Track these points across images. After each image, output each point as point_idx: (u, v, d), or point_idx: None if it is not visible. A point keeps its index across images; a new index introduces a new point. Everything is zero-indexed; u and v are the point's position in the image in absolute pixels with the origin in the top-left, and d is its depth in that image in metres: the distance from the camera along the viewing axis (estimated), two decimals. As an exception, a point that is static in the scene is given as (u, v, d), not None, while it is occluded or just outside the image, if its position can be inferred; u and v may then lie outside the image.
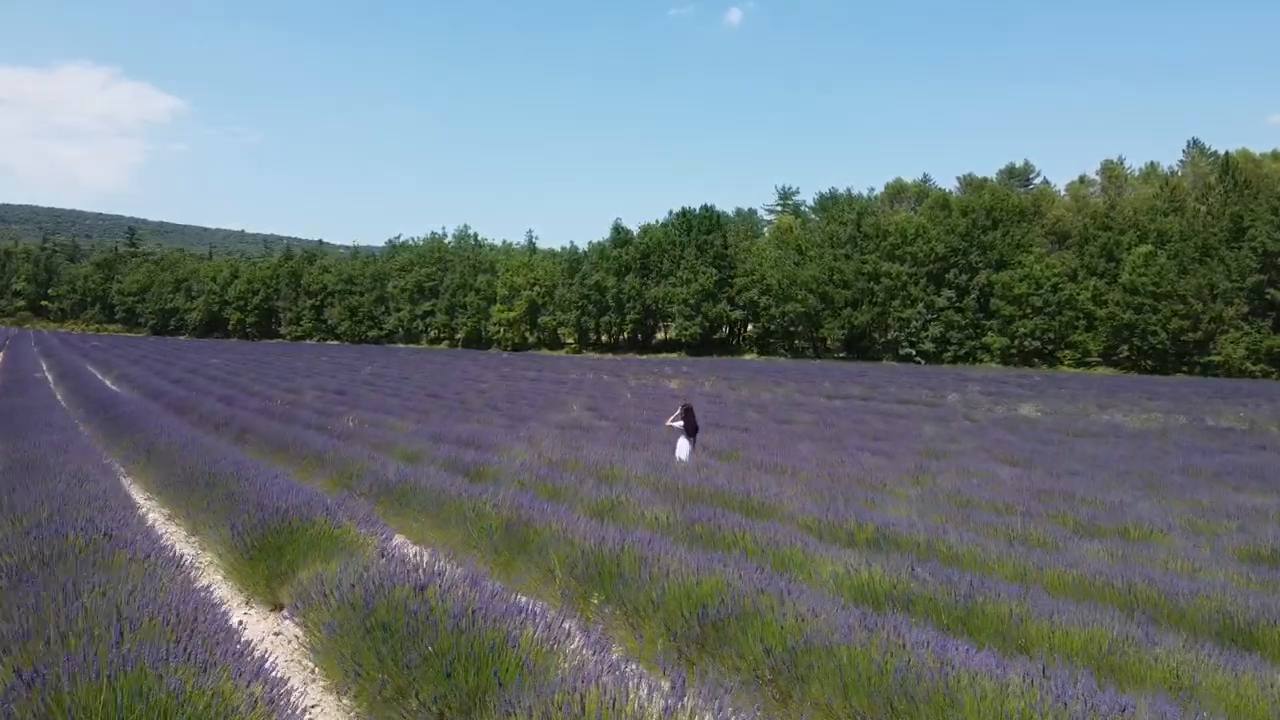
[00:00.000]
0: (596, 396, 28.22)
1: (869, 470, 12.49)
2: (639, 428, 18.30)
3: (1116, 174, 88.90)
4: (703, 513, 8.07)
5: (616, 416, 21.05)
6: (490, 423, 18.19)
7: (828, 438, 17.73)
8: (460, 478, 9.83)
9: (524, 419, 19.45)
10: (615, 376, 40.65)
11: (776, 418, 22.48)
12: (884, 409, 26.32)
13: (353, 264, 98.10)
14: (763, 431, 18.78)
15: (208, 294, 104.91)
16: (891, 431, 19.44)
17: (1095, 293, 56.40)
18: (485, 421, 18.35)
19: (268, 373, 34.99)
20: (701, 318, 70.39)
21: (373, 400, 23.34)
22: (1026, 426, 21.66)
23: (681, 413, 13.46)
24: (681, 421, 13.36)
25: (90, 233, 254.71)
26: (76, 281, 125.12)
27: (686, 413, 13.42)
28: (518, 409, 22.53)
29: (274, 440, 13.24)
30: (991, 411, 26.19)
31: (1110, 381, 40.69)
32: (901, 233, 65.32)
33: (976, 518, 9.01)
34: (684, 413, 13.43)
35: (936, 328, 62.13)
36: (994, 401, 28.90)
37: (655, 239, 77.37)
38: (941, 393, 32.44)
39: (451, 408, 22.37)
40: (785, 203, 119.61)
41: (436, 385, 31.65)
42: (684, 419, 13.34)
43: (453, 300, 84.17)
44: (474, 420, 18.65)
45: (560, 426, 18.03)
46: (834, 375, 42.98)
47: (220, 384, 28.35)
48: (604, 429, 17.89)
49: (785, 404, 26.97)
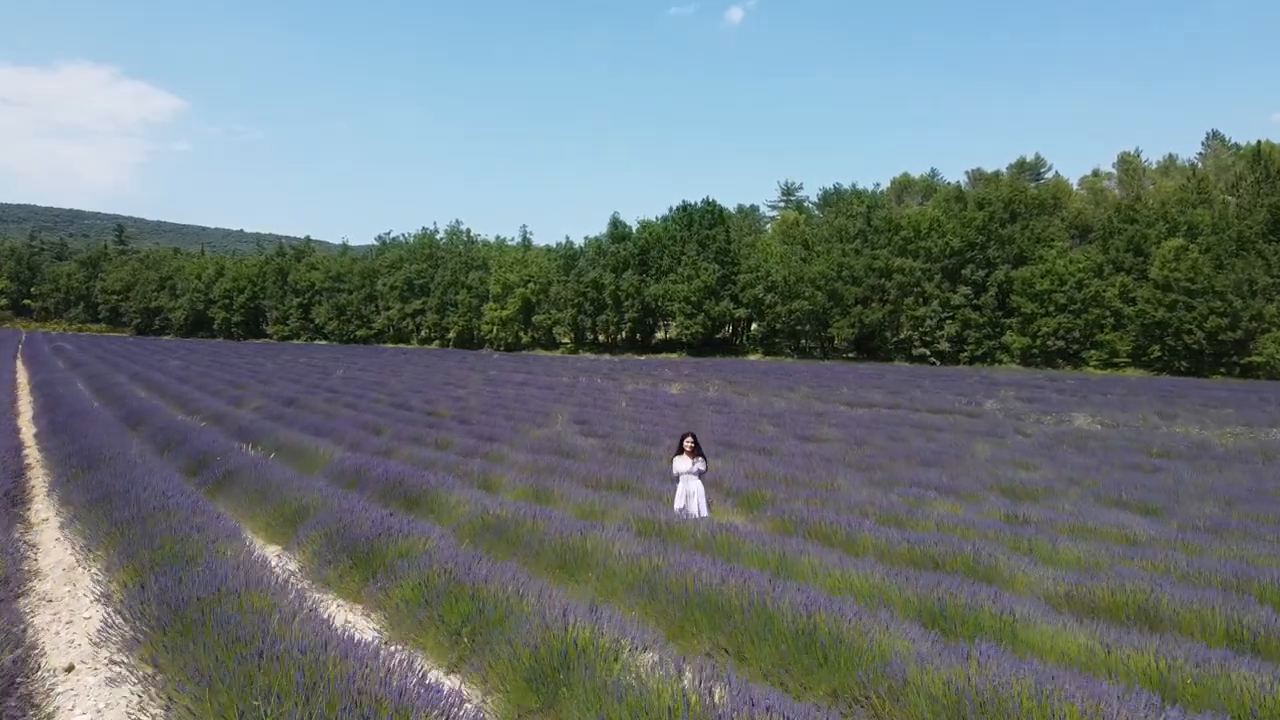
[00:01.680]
0: (587, 405, 24.80)
1: (953, 524, 9.03)
2: (633, 449, 14.86)
3: (1134, 167, 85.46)
4: (748, 691, 4.59)
5: (606, 433, 17.62)
6: (449, 445, 14.73)
7: (868, 464, 14.27)
8: (339, 566, 6.36)
9: (495, 438, 16.00)
10: (610, 380, 37.21)
11: (797, 432, 19.04)
12: (917, 420, 22.90)
13: (341, 261, 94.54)
14: (786, 454, 15.34)
15: (192, 292, 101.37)
16: (941, 453, 16.01)
17: (1123, 289, 52.90)
18: (444, 444, 14.89)
19: (223, 377, 31.52)
20: (704, 316, 66.89)
21: (319, 414, 19.89)
22: (1095, 444, 18.21)
23: (684, 447, 9.85)
24: (686, 459, 9.78)
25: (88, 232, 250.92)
26: (60, 280, 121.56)
27: (691, 448, 9.81)
28: (492, 423, 19.09)
29: (98, 490, 9.28)
30: (1041, 423, 22.74)
31: (1153, 385, 37.22)
32: (914, 227, 61.82)
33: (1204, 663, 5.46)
34: (689, 449, 9.81)
35: (952, 327, 58.63)
36: (1039, 410, 25.44)
37: (655, 234, 73.84)
38: (974, 399, 29.00)
39: (413, 422, 18.93)
40: (788, 198, 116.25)
41: (410, 392, 28.23)
42: (688, 453, 9.78)
43: (443, 298, 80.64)
44: (431, 441, 15.20)
45: (536, 449, 14.59)
46: (849, 378, 39.54)
47: (156, 391, 24.93)
48: (589, 452, 14.43)
49: (803, 414, 23.55)
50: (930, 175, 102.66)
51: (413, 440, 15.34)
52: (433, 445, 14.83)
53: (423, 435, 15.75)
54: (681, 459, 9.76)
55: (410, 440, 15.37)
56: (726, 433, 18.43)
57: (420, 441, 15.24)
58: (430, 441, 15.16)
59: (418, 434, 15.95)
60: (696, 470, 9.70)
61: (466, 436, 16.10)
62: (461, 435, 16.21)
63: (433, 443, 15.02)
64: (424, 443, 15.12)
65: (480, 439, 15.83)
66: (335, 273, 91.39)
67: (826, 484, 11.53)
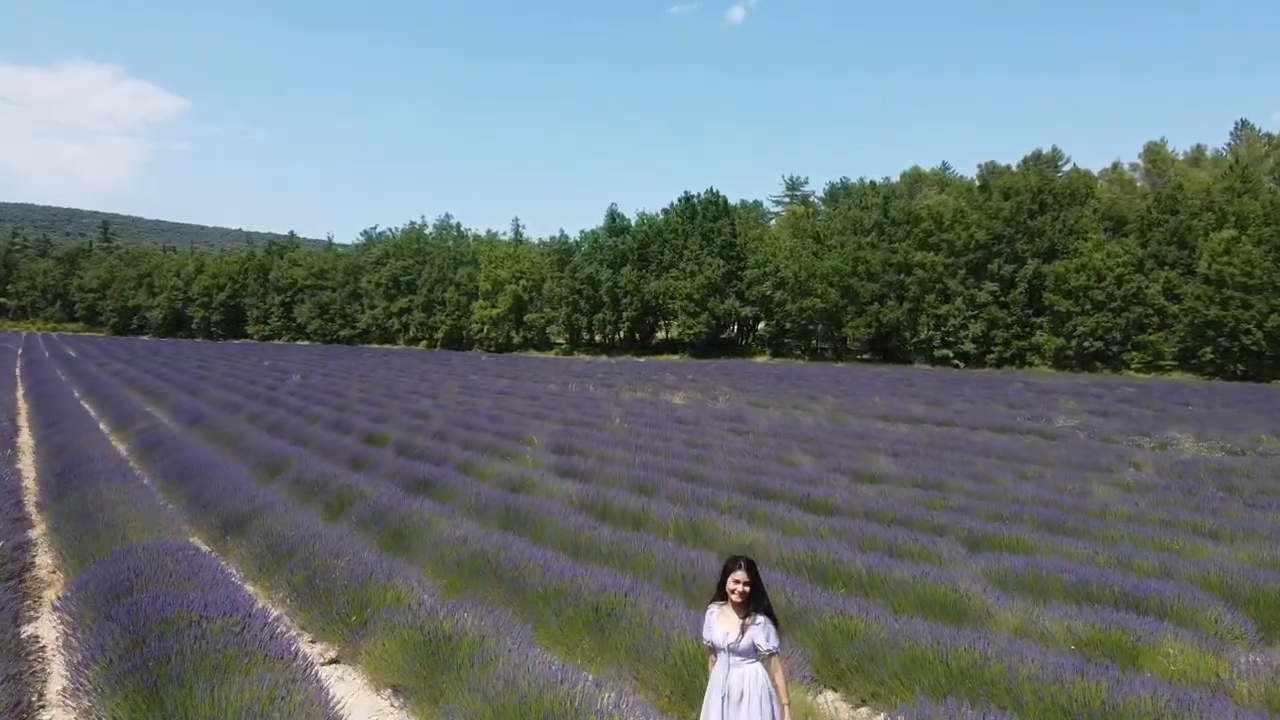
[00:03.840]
0: (573, 422, 20.22)
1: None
2: (624, 506, 10.27)
3: (1161, 157, 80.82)
4: None
5: (591, 470, 13.03)
6: (355, 501, 10.12)
7: (972, 532, 9.60)
8: None
9: (432, 484, 11.39)
10: (605, 387, 32.63)
11: (843, 465, 14.44)
12: (982, 442, 18.31)
13: (324, 257, 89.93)
14: (843, 509, 10.75)
15: (170, 290, 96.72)
16: (1055, 503, 11.41)
17: (1167, 285, 48.34)
18: (348, 499, 10.28)
19: (147, 385, 26.92)
20: (707, 315, 62.28)
21: (218, 442, 15.34)
22: (1242, 480, 13.59)
23: (727, 589, 4.35)
24: (729, 616, 4.33)
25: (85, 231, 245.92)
26: (37, 278, 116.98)
27: (742, 592, 4.31)
28: (443, 453, 14.50)
29: None
30: (1139, 446, 18.13)
31: (1227, 393, 32.61)
32: (936, 218, 57.24)
33: None
34: (736, 591, 4.31)
35: (977, 326, 54.05)
36: (1124, 428, 20.79)
37: (655, 228, 69.32)
38: (1034, 412, 24.40)
39: (337, 454, 14.33)
40: (793, 193, 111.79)
41: (364, 404, 23.66)
42: (734, 604, 4.33)
43: (430, 296, 76.00)
44: (335, 494, 10.59)
45: (482, 508, 9.99)
46: (873, 384, 34.95)
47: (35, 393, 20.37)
48: (558, 517, 9.76)
49: (838, 434, 18.96)
50: (942, 169, 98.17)
51: (309, 491, 10.76)
52: (327, 505, 10.25)
53: (330, 481, 11.14)
54: (721, 615, 4.39)
55: (307, 491, 10.80)
56: (752, 469, 13.84)
57: (318, 492, 10.65)
58: (333, 494, 10.56)
59: (326, 478, 11.33)
60: (754, 647, 4.26)
61: (392, 483, 11.51)
62: (386, 481, 11.62)
63: (335, 496, 10.43)
64: (323, 494, 10.53)
65: (410, 487, 11.24)
66: (318, 269, 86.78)
67: (943, 594, 6.94)
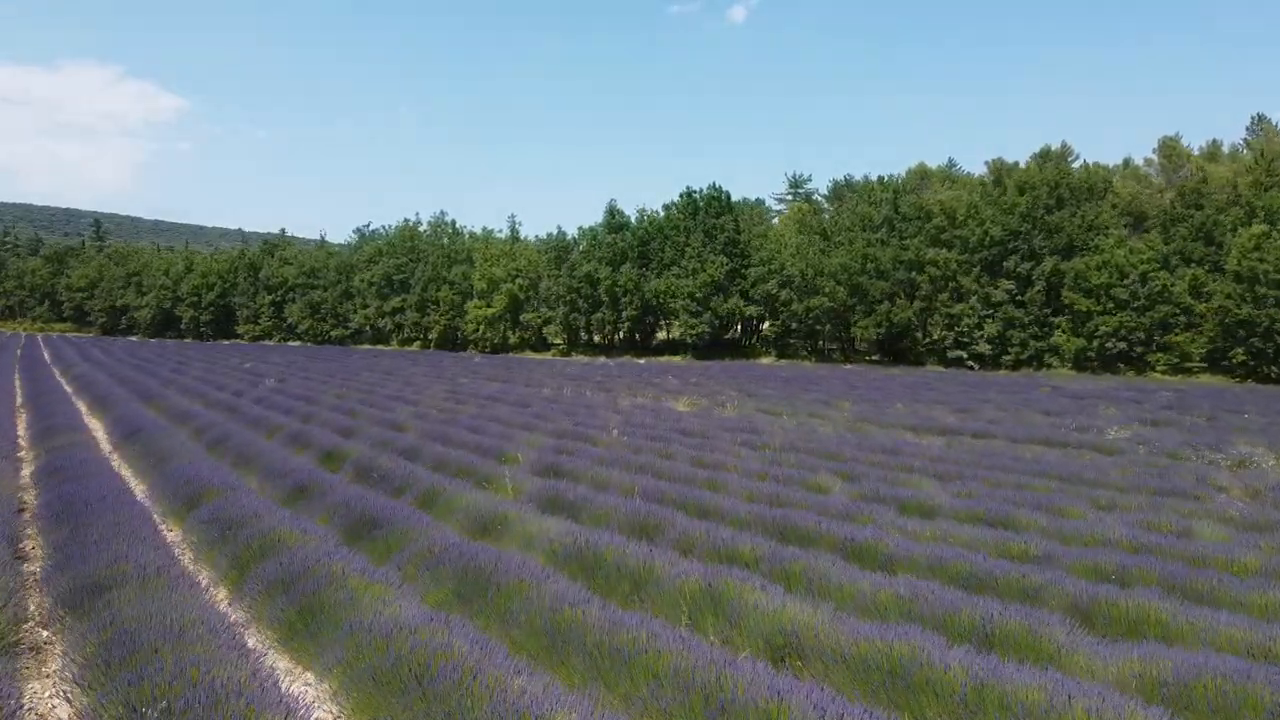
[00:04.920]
0: (566, 435, 17.89)
1: None
2: (619, 559, 7.92)
3: (1177, 152, 78.48)
4: None
5: (583, 500, 10.69)
6: (280, 548, 7.79)
7: (1073, 599, 7.30)
8: None
9: (380, 526, 9.05)
10: (603, 391, 30.30)
11: (883, 493, 12.10)
12: (1032, 459, 15.99)
13: (316, 255, 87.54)
14: (901, 559, 8.42)
15: (159, 289, 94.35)
16: (1157, 548, 9.08)
17: (1194, 283, 45.95)
18: (271, 546, 7.95)
19: (100, 392, 24.58)
20: (710, 314, 59.89)
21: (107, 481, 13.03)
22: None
23: None
24: None
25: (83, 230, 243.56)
26: (24, 277, 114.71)
27: None
28: (409, 478, 12.17)
29: None
30: (1215, 464, 15.77)
31: (1271, 397, 30.26)
32: (948, 214, 54.84)
33: None
34: None
35: (993, 326, 51.63)
36: (1187, 441, 18.41)
37: (656, 224, 66.95)
38: (1077, 420, 22.05)
39: (280, 478, 12.01)
40: (796, 191, 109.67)
41: (334, 414, 21.32)
42: None
43: (424, 295, 73.60)
44: (255, 544, 8.26)
45: (435, 562, 7.64)
46: (889, 388, 32.62)
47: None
48: (533, 579, 7.42)
49: (866, 449, 16.62)
50: (948, 165, 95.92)
51: (219, 537, 8.43)
52: (234, 560, 7.90)
53: (250, 522, 8.78)
54: None
55: (218, 535, 8.47)
56: (774, 497, 11.51)
57: (229, 539, 8.31)
58: (246, 543, 8.21)
59: (247, 517, 8.98)
60: None
61: (331, 523, 9.18)
62: (324, 520, 9.29)
63: (247, 547, 8.08)
64: (233, 542, 8.18)
65: (351, 530, 8.91)
66: (309, 268, 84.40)
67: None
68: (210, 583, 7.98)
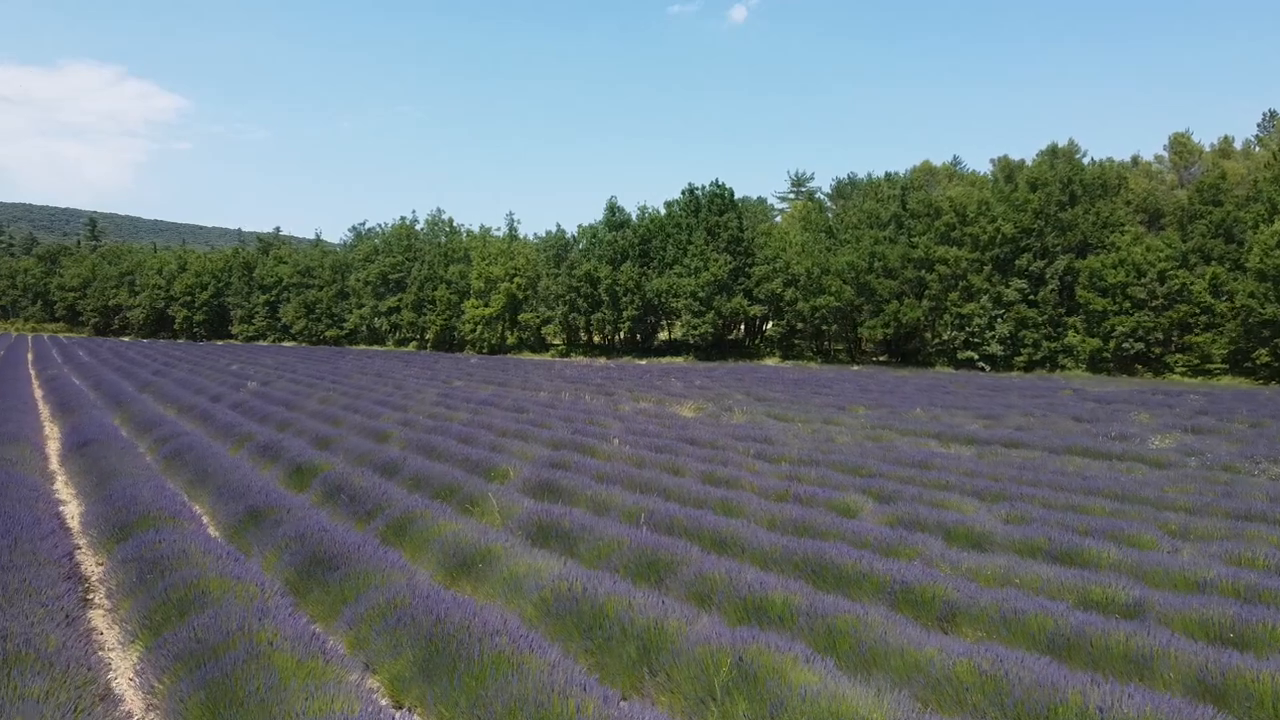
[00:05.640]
0: (563, 446, 16.39)
1: None
2: (624, 611, 6.41)
3: (1188, 148, 77.02)
4: None
5: (580, 529, 9.20)
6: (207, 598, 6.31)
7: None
8: None
9: (335, 564, 7.57)
10: (603, 394, 28.80)
11: (921, 518, 10.60)
12: (1075, 472, 14.48)
13: (310, 254, 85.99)
14: (961, 605, 6.93)
15: (152, 289, 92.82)
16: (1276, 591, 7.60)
17: (1214, 281, 44.44)
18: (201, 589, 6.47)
19: (67, 395, 23.08)
20: (713, 314, 58.38)
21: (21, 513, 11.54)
22: None
23: None
24: None
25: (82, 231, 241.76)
26: (17, 276, 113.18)
27: None
28: (377, 504, 10.68)
29: None
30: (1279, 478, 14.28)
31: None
32: (958, 211, 53.30)
33: None
34: None
35: (1005, 326, 50.12)
36: (1237, 451, 16.90)
37: (657, 222, 65.44)
38: (1112, 427, 20.54)
39: (242, 496, 10.52)
40: (798, 189, 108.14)
41: (317, 421, 19.84)
42: None
43: (420, 295, 72.07)
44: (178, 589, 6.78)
45: (393, 629, 6.12)
46: (903, 391, 31.11)
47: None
48: (495, 679, 5.92)
49: (889, 459, 15.13)
50: (953, 163, 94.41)
51: (137, 583, 6.94)
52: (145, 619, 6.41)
53: (178, 564, 7.30)
54: None
55: (135, 580, 6.98)
56: (799, 522, 10.03)
57: (148, 584, 6.81)
58: (164, 595, 6.71)
59: (175, 557, 7.50)
60: None
61: (281, 560, 7.69)
62: (273, 559, 7.80)
63: (165, 601, 6.57)
64: (153, 589, 6.69)
65: (302, 572, 7.41)
66: (304, 267, 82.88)
67: None
68: (119, 644, 6.49)
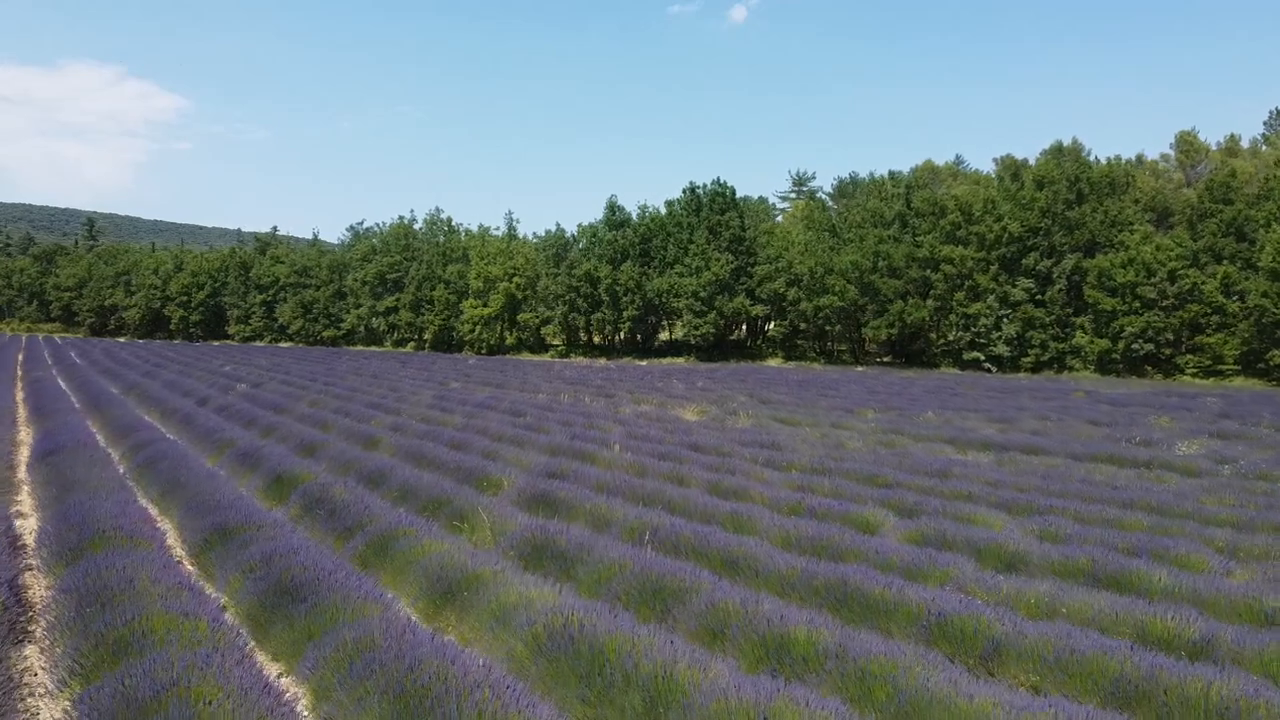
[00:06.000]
0: (561, 453, 15.57)
1: None
2: (631, 660, 5.58)
3: (1194, 147, 76.25)
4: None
5: (579, 547, 8.38)
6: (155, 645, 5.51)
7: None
8: None
9: (301, 595, 6.75)
10: (603, 396, 27.97)
11: (948, 534, 9.77)
12: (1104, 481, 13.67)
13: (308, 254, 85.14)
14: (1004, 641, 6.11)
15: (148, 289, 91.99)
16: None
17: (1226, 281, 43.64)
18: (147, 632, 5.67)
19: (45, 398, 22.25)
20: (715, 314, 57.57)
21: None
22: None
23: None
24: None
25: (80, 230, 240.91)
26: (12, 276, 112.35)
27: None
28: (358, 521, 9.86)
29: None
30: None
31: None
32: (964, 209, 52.49)
33: None
34: None
35: (1011, 327, 49.31)
36: (1272, 459, 16.11)
37: (658, 221, 64.61)
38: (1132, 432, 19.74)
39: (214, 511, 9.70)
40: (800, 188, 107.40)
41: (304, 425, 19.02)
42: None
43: (418, 294, 71.23)
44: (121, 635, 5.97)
45: (357, 683, 5.31)
46: (911, 393, 30.29)
47: None
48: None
49: (905, 467, 14.31)
50: (956, 163, 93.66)
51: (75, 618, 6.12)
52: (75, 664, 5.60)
53: (124, 596, 6.49)
54: None
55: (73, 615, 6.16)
56: (815, 540, 9.21)
57: (88, 622, 5.99)
58: (100, 635, 5.89)
59: (121, 588, 6.68)
60: None
61: (246, 587, 6.87)
62: (237, 585, 6.98)
63: (99, 643, 5.75)
64: (93, 628, 5.87)
65: (265, 603, 6.60)
66: (301, 266, 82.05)
67: None
68: (51, 690, 5.67)
